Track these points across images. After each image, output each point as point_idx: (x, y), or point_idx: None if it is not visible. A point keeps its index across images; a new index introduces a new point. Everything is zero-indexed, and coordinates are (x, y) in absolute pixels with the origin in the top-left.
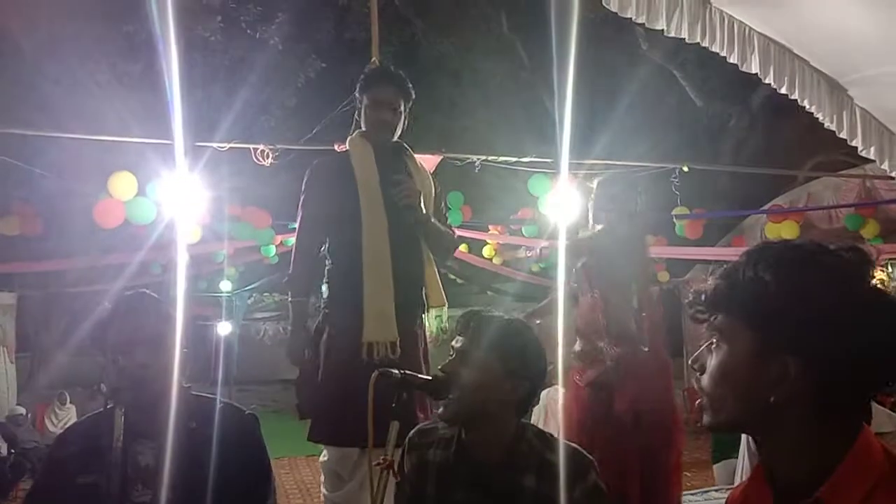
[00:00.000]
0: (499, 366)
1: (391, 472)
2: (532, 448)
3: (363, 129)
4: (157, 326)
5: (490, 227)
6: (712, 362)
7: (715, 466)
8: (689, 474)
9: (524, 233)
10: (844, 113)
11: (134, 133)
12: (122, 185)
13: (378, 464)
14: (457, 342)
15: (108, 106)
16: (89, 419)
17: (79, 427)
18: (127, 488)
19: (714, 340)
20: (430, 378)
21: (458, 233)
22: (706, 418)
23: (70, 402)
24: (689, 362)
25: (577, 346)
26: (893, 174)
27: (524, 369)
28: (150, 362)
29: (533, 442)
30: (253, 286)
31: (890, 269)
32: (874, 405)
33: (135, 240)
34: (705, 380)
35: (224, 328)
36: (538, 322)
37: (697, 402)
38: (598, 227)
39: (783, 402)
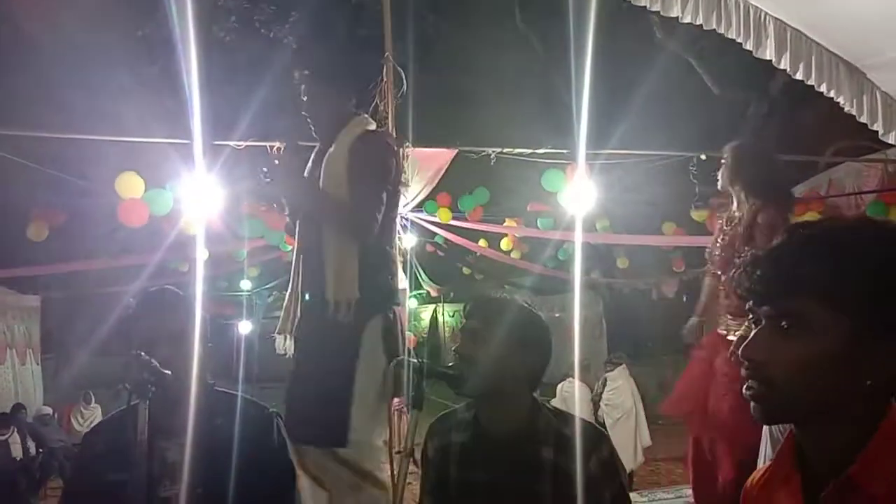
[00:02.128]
0: (508, 339)
1: (412, 460)
2: (548, 423)
3: None
4: (181, 322)
5: (507, 219)
6: (784, 352)
7: None
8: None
9: (539, 225)
10: (865, 96)
11: (153, 134)
12: (128, 185)
13: (399, 452)
14: (466, 324)
15: (128, 108)
16: (115, 416)
17: (105, 425)
18: (154, 484)
19: (783, 326)
20: (449, 365)
21: (475, 226)
22: (766, 410)
23: (95, 402)
24: (744, 351)
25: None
26: None
27: (532, 342)
28: (174, 358)
29: (548, 417)
30: (272, 284)
31: None
32: None
33: (154, 239)
34: (772, 370)
35: (245, 327)
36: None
37: (750, 394)
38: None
39: (880, 386)
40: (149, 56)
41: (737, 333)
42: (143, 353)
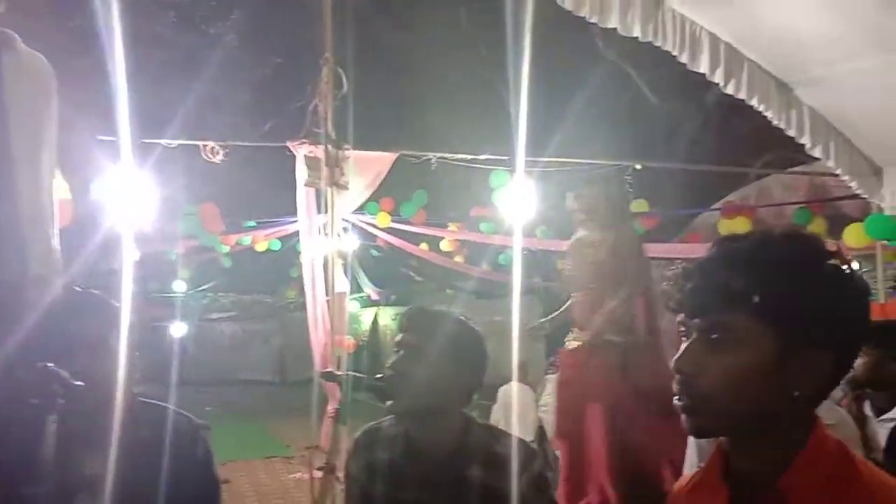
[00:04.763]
0: (444, 356)
1: (334, 476)
2: (478, 440)
3: None
4: (102, 328)
5: (449, 224)
6: (714, 363)
7: None
8: None
9: (481, 230)
10: (793, 112)
11: (82, 129)
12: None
13: (321, 468)
14: (401, 338)
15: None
16: (25, 429)
17: (14, 438)
18: (69, 499)
19: (713, 338)
20: (378, 377)
21: (419, 230)
22: (696, 423)
23: None
24: (675, 364)
25: (574, 336)
26: (839, 171)
27: (468, 358)
28: (93, 367)
29: (479, 434)
30: (207, 286)
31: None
32: None
33: (79, 238)
34: (702, 382)
35: (178, 329)
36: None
37: (681, 406)
38: (582, 231)
39: (807, 398)
40: (80, 48)
41: (570, 345)
42: (50, 365)
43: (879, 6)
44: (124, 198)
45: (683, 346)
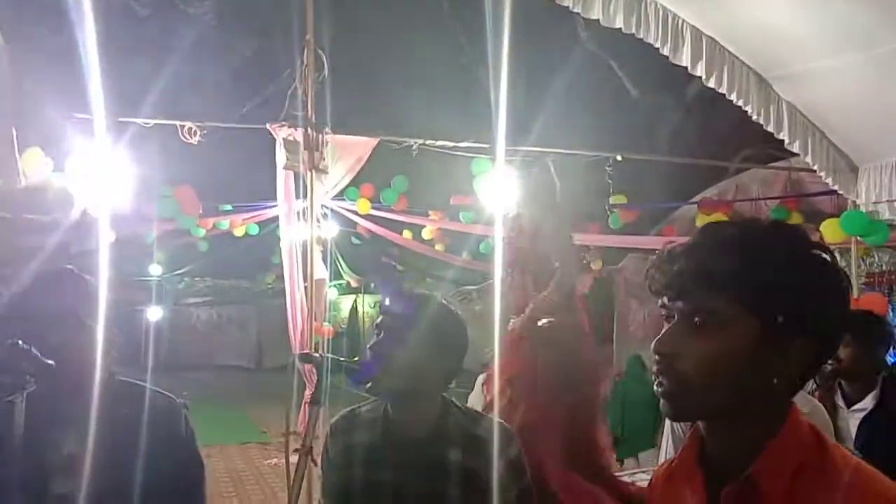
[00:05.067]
0: (425, 339)
1: (310, 458)
2: (457, 423)
3: None
4: (76, 306)
5: (430, 212)
6: (695, 347)
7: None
8: None
9: (462, 219)
10: (772, 107)
11: (57, 108)
12: (33, 162)
13: (297, 450)
14: (383, 321)
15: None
16: None
17: None
18: (47, 479)
19: (696, 322)
20: (353, 359)
21: (400, 218)
22: (676, 406)
23: None
24: (656, 346)
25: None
26: (816, 167)
27: (449, 342)
28: (68, 345)
29: (457, 416)
30: (184, 270)
31: None
32: None
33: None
34: (683, 365)
35: (154, 313)
36: (478, 308)
37: (660, 390)
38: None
39: (785, 385)
40: (56, 25)
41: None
42: (20, 342)
43: (854, 4)
44: (100, 176)
45: (665, 329)
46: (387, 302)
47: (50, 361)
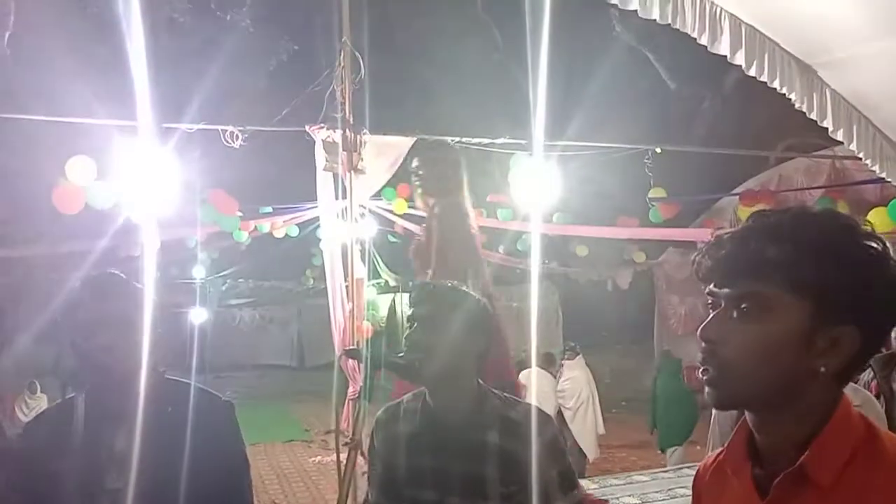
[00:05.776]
0: (456, 324)
1: (359, 451)
2: (493, 407)
3: None
4: (125, 307)
5: None
6: (742, 333)
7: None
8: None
9: (498, 216)
10: (815, 94)
11: (101, 116)
12: (80, 169)
13: (346, 444)
14: (412, 312)
15: (74, 89)
16: (56, 406)
17: (45, 415)
18: (100, 474)
19: (743, 308)
20: (399, 355)
21: None
22: (720, 394)
23: (41, 392)
24: (701, 332)
25: None
26: (862, 155)
27: (477, 326)
28: (119, 344)
29: (494, 401)
30: (227, 272)
31: None
32: None
33: (100, 224)
34: (729, 352)
35: (198, 315)
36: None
37: (705, 377)
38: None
39: (832, 373)
40: (98, 35)
41: None
42: (79, 341)
43: None
44: (146, 183)
45: (711, 315)
46: (413, 294)
47: (106, 360)
